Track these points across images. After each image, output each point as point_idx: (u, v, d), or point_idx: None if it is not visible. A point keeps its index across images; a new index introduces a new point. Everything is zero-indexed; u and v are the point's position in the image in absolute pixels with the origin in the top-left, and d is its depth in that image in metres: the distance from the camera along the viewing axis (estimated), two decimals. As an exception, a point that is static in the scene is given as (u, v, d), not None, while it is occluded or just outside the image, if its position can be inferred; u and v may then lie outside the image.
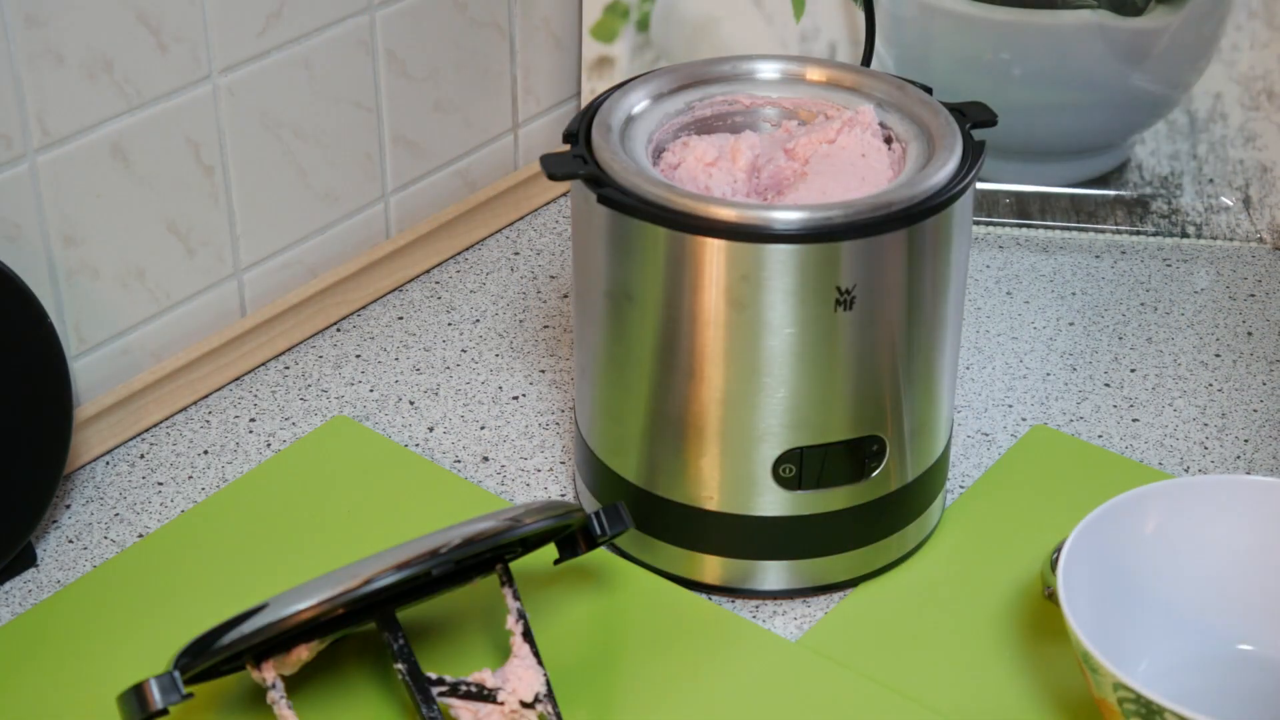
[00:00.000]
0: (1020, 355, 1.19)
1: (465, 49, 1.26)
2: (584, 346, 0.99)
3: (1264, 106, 1.29)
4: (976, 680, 0.93)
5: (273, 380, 1.17)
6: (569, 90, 1.37)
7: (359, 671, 0.94)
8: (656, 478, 0.97)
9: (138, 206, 1.08)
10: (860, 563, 0.99)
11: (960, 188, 0.91)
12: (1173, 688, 0.88)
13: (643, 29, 1.32)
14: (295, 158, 1.17)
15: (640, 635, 0.96)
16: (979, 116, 0.97)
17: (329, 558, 0.99)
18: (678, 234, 0.89)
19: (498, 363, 1.19)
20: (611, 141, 0.94)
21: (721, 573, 0.99)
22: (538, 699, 0.89)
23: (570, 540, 0.96)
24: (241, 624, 0.82)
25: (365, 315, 1.24)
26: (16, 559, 1.00)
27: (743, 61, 1.01)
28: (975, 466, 1.09)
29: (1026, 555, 1.01)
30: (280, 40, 1.13)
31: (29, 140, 1.01)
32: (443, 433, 1.12)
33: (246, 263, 1.17)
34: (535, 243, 1.32)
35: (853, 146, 0.96)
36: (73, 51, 1.01)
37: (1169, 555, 0.93)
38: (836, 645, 0.96)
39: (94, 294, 1.07)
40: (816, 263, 0.89)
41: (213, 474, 1.09)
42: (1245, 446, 1.11)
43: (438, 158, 1.28)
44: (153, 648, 0.94)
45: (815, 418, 0.93)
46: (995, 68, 1.26)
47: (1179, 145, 1.32)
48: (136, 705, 0.82)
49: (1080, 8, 1.21)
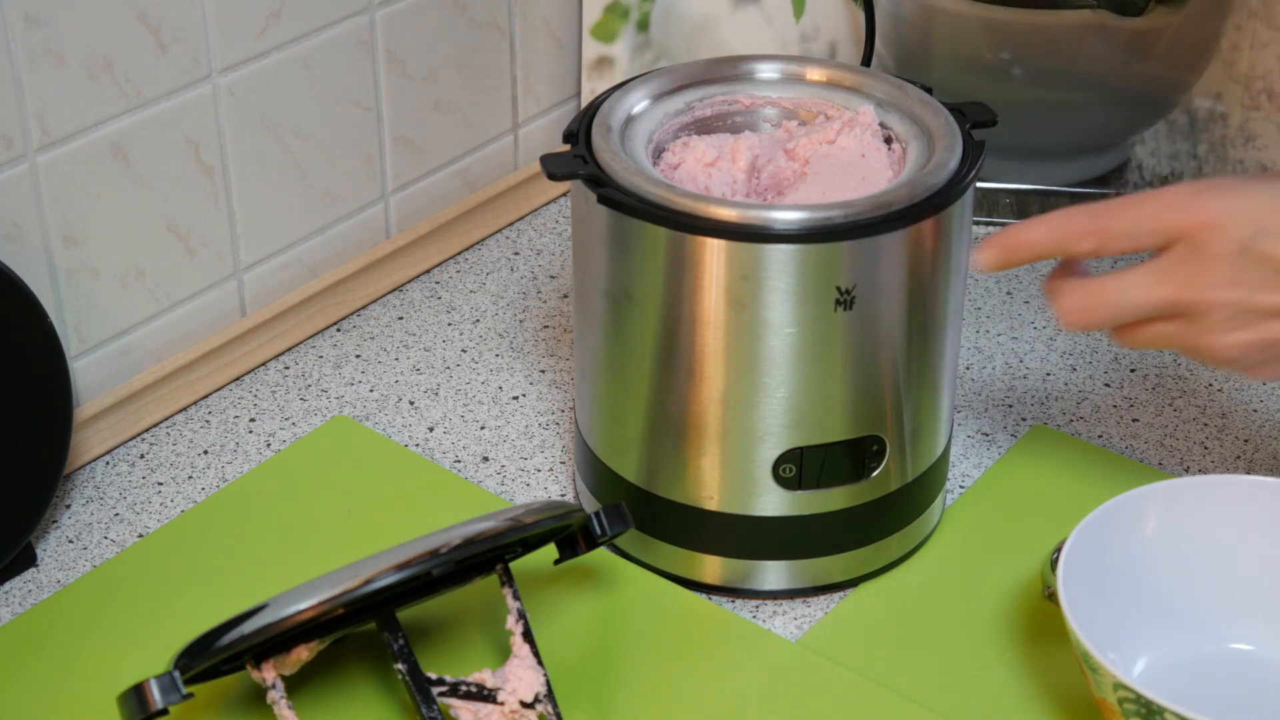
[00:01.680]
0: (1020, 355, 1.19)
1: (465, 49, 1.26)
2: (584, 346, 0.99)
3: (1264, 106, 1.29)
4: (976, 680, 0.93)
5: (273, 380, 1.17)
6: (569, 90, 1.37)
7: (359, 671, 0.94)
8: (656, 478, 0.97)
9: (138, 206, 1.08)
10: (860, 563, 0.99)
11: (960, 188, 0.91)
12: (1172, 687, 0.88)
13: (643, 29, 1.32)
14: (295, 158, 1.17)
15: (640, 635, 0.96)
16: (979, 116, 0.97)
17: (329, 558, 0.99)
18: (678, 234, 0.89)
19: (498, 363, 1.19)
20: (611, 141, 0.94)
21: (721, 573, 0.99)
22: (538, 699, 0.89)
23: (570, 540, 0.96)
24: (241, 624, 0.82)
25: (365, 315, 1.24)
26: (16, 559, 1.00)
27: (743, 61, 1.01)
28: (975, 466, 1.09)
29: (1026, 555, 1.01)
30: (280, 40, 1.13)
31: (29, 140, 1.01)
32: (443, 433, 1.12)
33: (246, 263, 1.17)
34: (535, 243, 1.32)
35: (853, 147, 0.96)
36: (73, 51, 1.01)
37: (1169, 555, 0.93)
38: (836, 645, 0.96)
39: (94, 294, 1.07)
40: (816, 263, 0.89)
41: (213, 474, 1.09)
42: (1245, 446, 1.11)
43: (438, 158, 1.28)
44: (153, 648, 0.94)
45: (815, 418, 0.93)
46: (995, 68, 1.26)
47: (1179, 145, 1.32)
48: (136, 705, 0.82)
49: (1080, 8, 1.21)
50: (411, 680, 0.87)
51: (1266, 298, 0.82)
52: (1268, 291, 0.82)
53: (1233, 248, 0.82)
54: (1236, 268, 0.82)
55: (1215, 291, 0.83)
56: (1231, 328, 0.83)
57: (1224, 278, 0.82)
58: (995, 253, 0.89)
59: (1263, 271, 0.82)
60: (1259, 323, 0.83)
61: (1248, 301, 0.82)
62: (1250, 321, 0.83)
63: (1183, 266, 0.83)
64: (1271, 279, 0.82)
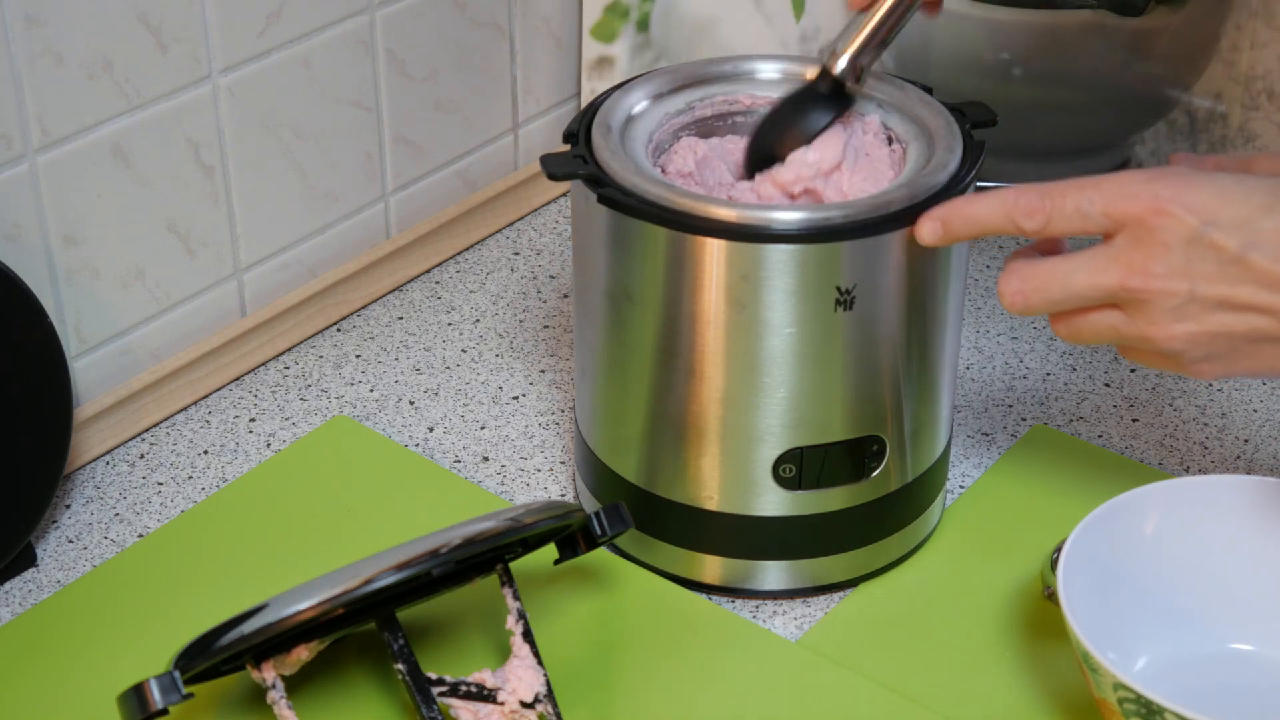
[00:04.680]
0: (1020, 355, 1.19)
1: (465, 49, 1.26)
2: (584, 346, 0.99)
3: (1264, 106, 1.29)
4: (976, 680, 0.93)
5: (273, 380, 1.17)
6: (569, 90, 1.37)
7: (359, 671, 0.94)
8: (656, 478, 0.97)
9: (138, 206, 1.08)
10: (860, 563, 0.99)
11: (960, 188, 0.91)
12: (1173, 687, 0.88)
13: (643, 29, 1.32)
14: (295, 158, 1.17)
15: (640, 635, 0.96)
16: (979, 116, 0.97)
17: (329, 558, 0.99)
18: (678, 234, 0.89)
19: (498, 363, 1.19)
20: (611, 141, 0.94)
21: (721, 573, 0.99)
22: (538, 699, 0.89)
23: (570, 540, 0.96)
24: (241, 624, 0.82)
25: (365, 315, 1.24)
26: (16, 559, 1.00)
27: (743, 61, 1.01)
28: (975, 466, 1.09)
29: (1026, 555, 1.01)
30: (280, 40, 1.13)
31: (29, 140, 1.01)
32: (443, 433, 1.12)
33: (246, 263, 1.17)
34: (535, 243, 1.32)
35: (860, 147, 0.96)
36: (73, 51, 1.01)
37: (1169, 555, 0.93)
38: (836, 645, 0.96)
39: (94, 294, 1.07)
40: (816, 263, 0.89)
41: (213, 474, 1.09)
42: (1245, 446, 1.11)
43: (438, 158, 1.28)
44: (153, 648, 0.94)
45: (815, 418, 0.93)
46: (995, 68, 1.26)
47: (1179, 145, 1.32)
48: (136, 705, 0.82)
49: (1080, 8, 1.21)
50: (411, 680, 0.87)
51: (1214, 289, 0.81)
52: (1216, 283, 0.81)
53: (1183, 237, 0.80)
54: (1186, 257, 0.80)
55: (1162, 280, 0.81)
56: (1177, 318, 0.82)
57: (1172, 266, 0.81)
58: (937, 225, 0.87)
59: (1212, 263, 0.80)
60: (1205, 314, 0.82)
61: (1195, 292, 0.81)
62: (1196, 312, 0.81)
63: (1131, 253, 0.82)
64: (1219, 270, 0.80)
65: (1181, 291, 0.81)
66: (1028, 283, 0.85)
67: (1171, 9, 1.23)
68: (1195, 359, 0.84)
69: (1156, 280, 0.81)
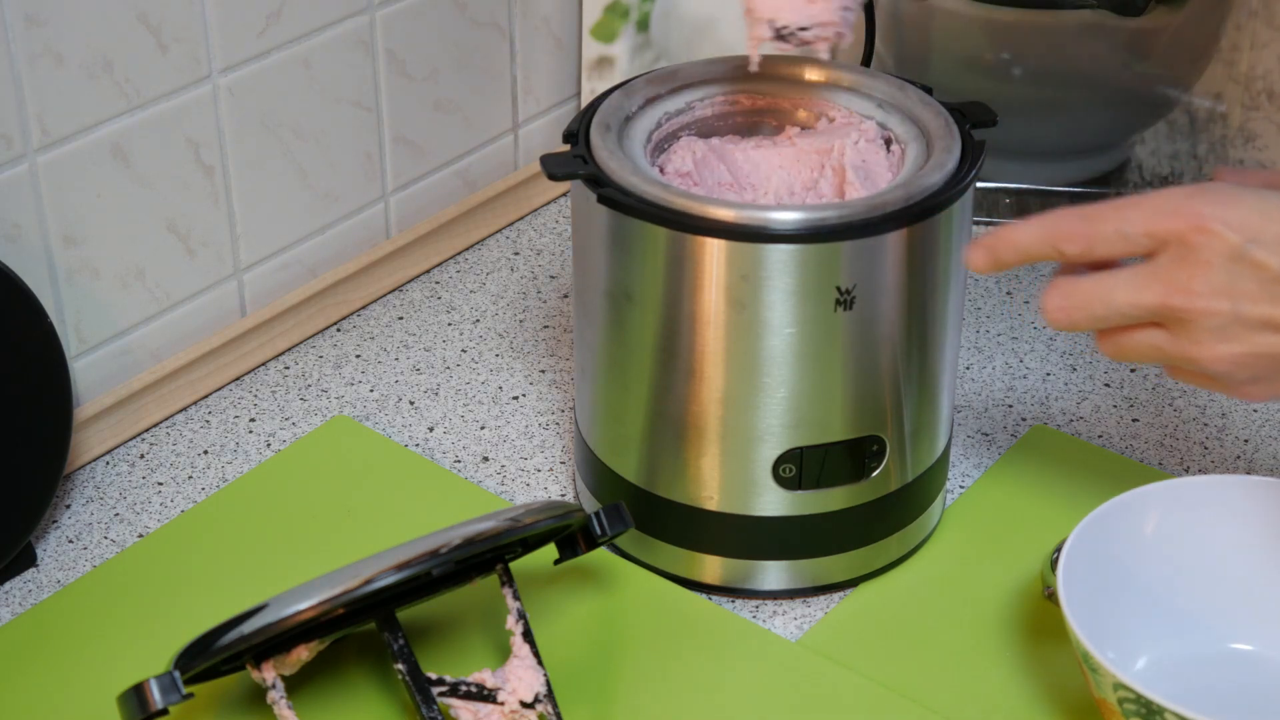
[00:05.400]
0: (1020, 355, 1.19)
1: (465, 49, 1.26)
2: (584, 346, 0.99)
3: (1264, 106, 1.29)
4: (976, 680, 0.93)
5: (273, 380, 1.17)
6: (569, 90, 1.37)
7: (359, 671, 0.94)
8: (656, 478, 0.97)
9: (138, 206, 1.08)
10: (860, 563, 0.99)
11: (960, 188, 0.91)
12: (1173, 687, 0.88)
13: (643, 29, 1.32)
14: (295, 158, 1.17)
15: (640, 635, 0.96)
16: (979, 116, 0.97)
17: (329, 558, 0.99)
18: (677, 234, 0.89)
19: (498, 363, 1.19)
20: (611, 141, 0.94)
21: (721, 573, 0.99)
22: (538, 699, 0.89)
23: (570, 540, 0.96)
24: (241, 624, 0.82)
25: (365, 315, 1.24)
26: (16, 559, 1.00)
27: (743, 61, 1.01)
28: (975, 466, 1.09)
29: (1026, 555, 1.01)
30: (280, 40, 1.13)
31: (29, 140, 1.01)
32: (443, 433, 1.12)
33: (246, 263, 1.17)
34: (535, 243, 1.32)
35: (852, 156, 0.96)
36: (73, 51, 1.01)
37: (1169, 555, 0.93)
38: (836, 645, 0.96)
39: (94, 294, 1.07)
40: (816, 263, 0.89)
41: (213, 474, 1.09)
42: (1245, 446, 1.11)
43: (438, 158, 1.28)
44: (153, 648, 0.94)
45: (815, 418, 0.93)
46: (995, 68, 1.26)
47: (1179, 145, 1.32)
48: (136, 705, 0.82)
49: (1080, 8, 1.21)
50: (411, 680, 0.87)
51: (1257, 309, 0.79)
52: (1259, 302, 0.79)
53: (1224, 255, 0.79)
54: (1228, 275, 0.79)
55: (1205, 299, 0.80)
56: (1221, 339, 0.80)
57: (1214, 285, 0.79)
58: (984, 254, 0.86)
59: (1254, 281, 0.79)
60: (1249, 335, 0.80)
61: (1238, 311, 0.79)
62: (1240, 333, 0.80)
63: (1172, 271, 0.80)
64: (1262, 289, 0.79)
65: (1224, 311, 0.80)
66: (1070, 299, 0.83)
67: (1171, 9, 1.23)
68: (1241, 381, 0.82)
69: (1199, 299, 0.80)
